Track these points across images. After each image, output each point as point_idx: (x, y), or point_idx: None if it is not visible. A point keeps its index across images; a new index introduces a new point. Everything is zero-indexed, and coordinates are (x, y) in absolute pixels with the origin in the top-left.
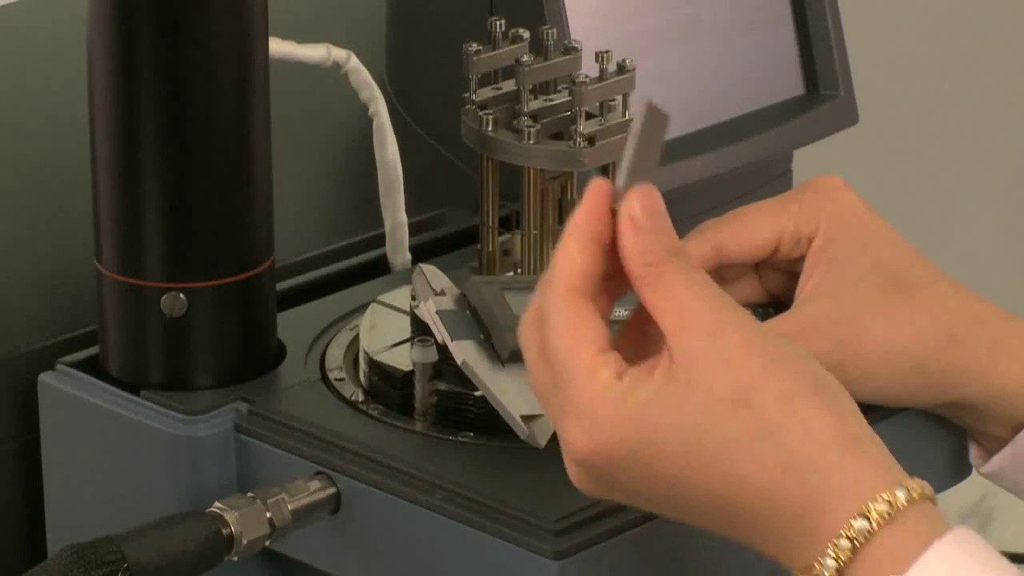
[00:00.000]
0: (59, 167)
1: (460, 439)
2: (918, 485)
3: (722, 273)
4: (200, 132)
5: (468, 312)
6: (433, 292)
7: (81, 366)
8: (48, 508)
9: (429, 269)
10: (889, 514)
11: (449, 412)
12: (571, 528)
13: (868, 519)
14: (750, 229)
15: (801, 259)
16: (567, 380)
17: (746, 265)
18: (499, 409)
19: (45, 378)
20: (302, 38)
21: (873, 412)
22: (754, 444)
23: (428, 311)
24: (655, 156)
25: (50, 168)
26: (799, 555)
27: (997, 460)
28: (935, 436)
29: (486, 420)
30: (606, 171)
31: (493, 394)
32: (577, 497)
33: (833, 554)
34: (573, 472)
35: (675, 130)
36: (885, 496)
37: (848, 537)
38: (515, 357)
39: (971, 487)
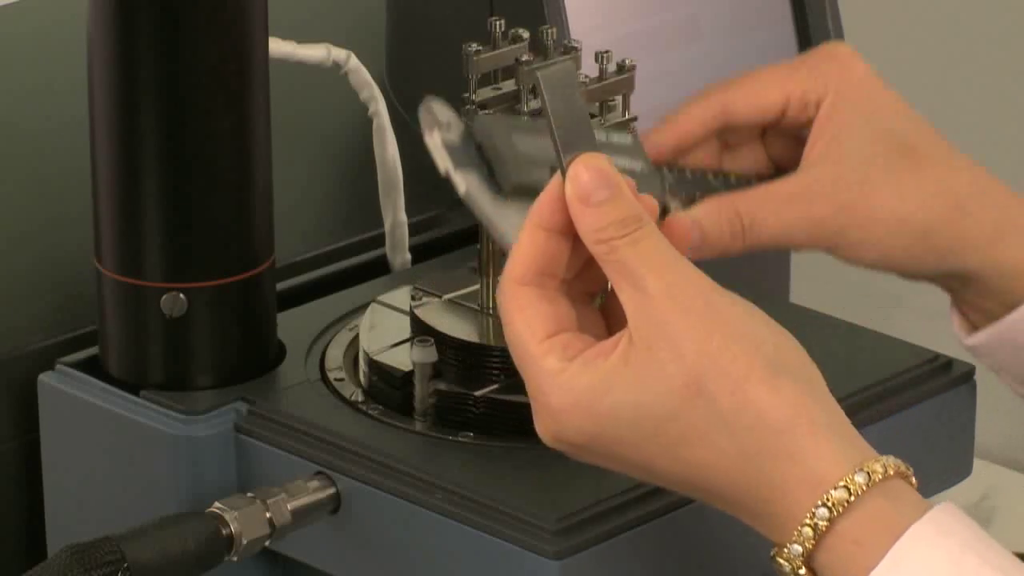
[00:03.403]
0: (59, 167)
1: (460, 439)
2: (881, 466)
3: (727, 139)
4: (200, 132)
5: (474, 147)
6: (439, 124)
7: (81, 366)
8: (48, 508)
9: (436, 103)
10: (848, 501)
11: (449, 412)
12: (571, 528)
13: (828, 507)
14: (758, 89)
15: (808, 124)
16: (523, 370)
17: (752, 131)
18: (498, 239)
19: (45, 378)
20: (302, 38)
21: (872, 411)
22: (711, 432)
23: (433, 141)
24: (582, 116)
25: (50, 168)
26: (772, 533)
27: (985, 334)
28: (935, 436)
29: (486, 420)
30: None
31: (494, 223)
32: (577, 497)
33: (798, 540)
34: (553, 448)
35: None
36: (844, 483)
37: (810, 525)
38: (518, 191)
39: (971, 487)
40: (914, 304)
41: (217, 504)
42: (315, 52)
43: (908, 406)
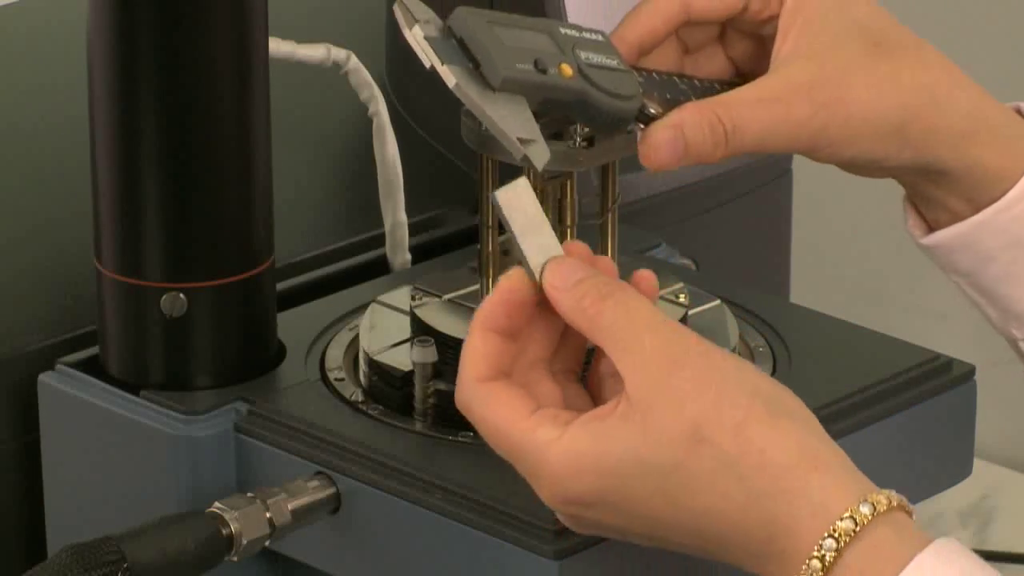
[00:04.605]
0: (59, 167)
1: (460, 439)
2: (884, 498)
3: (687, 39)
4: (200, 132)
5: (454, 42)
6: (417, 19)
7: (81, 366)
8: (48, 508)
9: (410, 0)
10: (855, 531)
11: (449, 412)
12: (571, 528)
13: (835, 538)
14: None
15: (770, 21)
16: (517, 455)
17: (711, 31)
18: (494, 132)
19: (45, 378)
20: (302, 38)
21: (872, 411)
22: (716, 478)
23: (414, 37)
24: (542, 225)
25: (50, 168)
26: (778, 574)
27: (943, 234)
28: (935, 436)
29: None
30: (605, 171)
31: (488, 115)
32: None
33: (806, 574)
34: (561, 518)
35: None
36: (849, 513)
37: (818, 557)
38: (507, 85)
39: (971, 487)
40: (913, 304)
41: (217, 504)
42: (315, 52)
43: (908, 406)
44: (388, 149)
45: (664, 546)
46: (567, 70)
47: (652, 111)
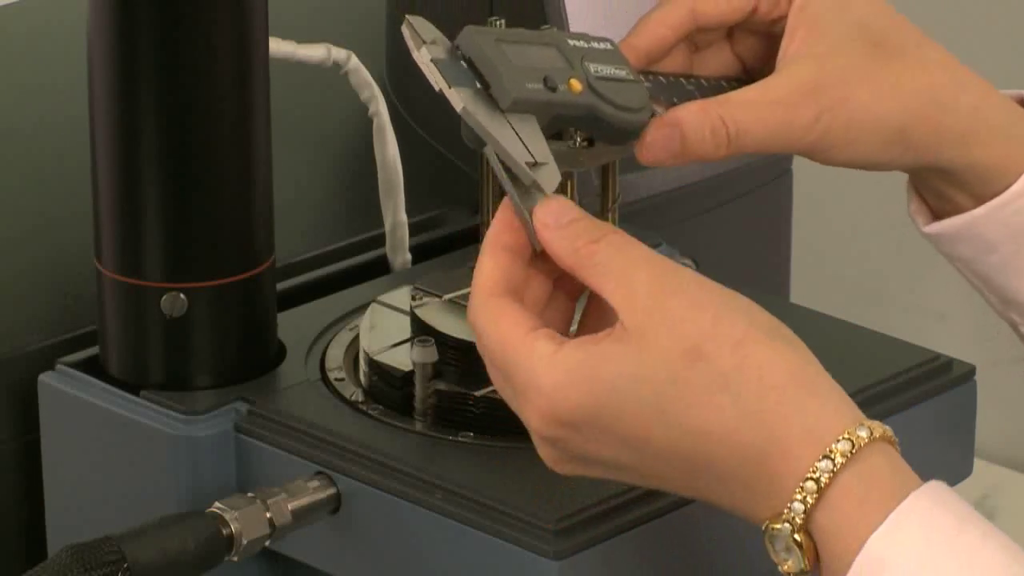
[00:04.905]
0: (59, 167)
1: (460, 439)
2: (878, 425)
3: (696, 40)
4: (200, 132)
5: (463, 62)
6: (425, 41)
7: (81, 366)
8: (48, 508)
9: (417, 20)
10: (851, 452)
11: (449, 412)
12: (571, 528)
13: (831, 459)
14: None
15: (780, 20)
16: (511, 369)
17: (720, 30)
18: (502, 156)
19: (45, 378)
20: (302, 38)
21: (872, 411)
22: (711, 394)
23: (422, 59)
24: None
25: (50, 168)
26: (767, 503)
27: (945, 224)
28: (935, 436)
29: (486, 420)
30: (605, 171)
31: (496, 140)
32: (577, 497)
33: (800, 497)
34: (543, 452)
35: None
36: (846, 435)
37: (813, 479)
38: (517, 106)
39: (971, 487)
40: (913, 304)
41: (217, 504)
42: (315, 52)
43: (908, 406)
44: (388, 149)
45: (651, 481)
46: (576, 85)
47: None
